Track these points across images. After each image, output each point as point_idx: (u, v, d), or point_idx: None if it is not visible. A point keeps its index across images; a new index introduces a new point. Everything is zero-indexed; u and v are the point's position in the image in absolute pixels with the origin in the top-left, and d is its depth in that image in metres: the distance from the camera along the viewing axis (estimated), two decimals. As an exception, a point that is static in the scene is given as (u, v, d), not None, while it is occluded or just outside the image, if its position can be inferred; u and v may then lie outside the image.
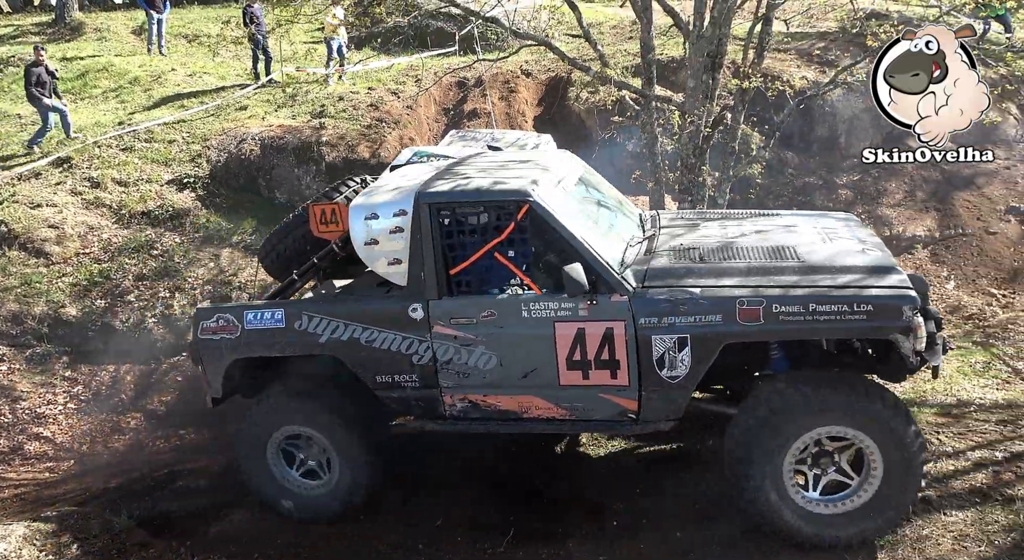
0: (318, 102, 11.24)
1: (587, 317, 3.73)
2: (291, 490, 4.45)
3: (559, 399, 3.94)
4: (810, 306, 3.54)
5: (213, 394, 4.42)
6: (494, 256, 3.89)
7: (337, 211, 4.30)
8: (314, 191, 9.85)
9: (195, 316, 4.34)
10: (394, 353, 3.99)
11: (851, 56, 10.53)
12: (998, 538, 3.64)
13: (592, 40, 8.53)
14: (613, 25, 14.98)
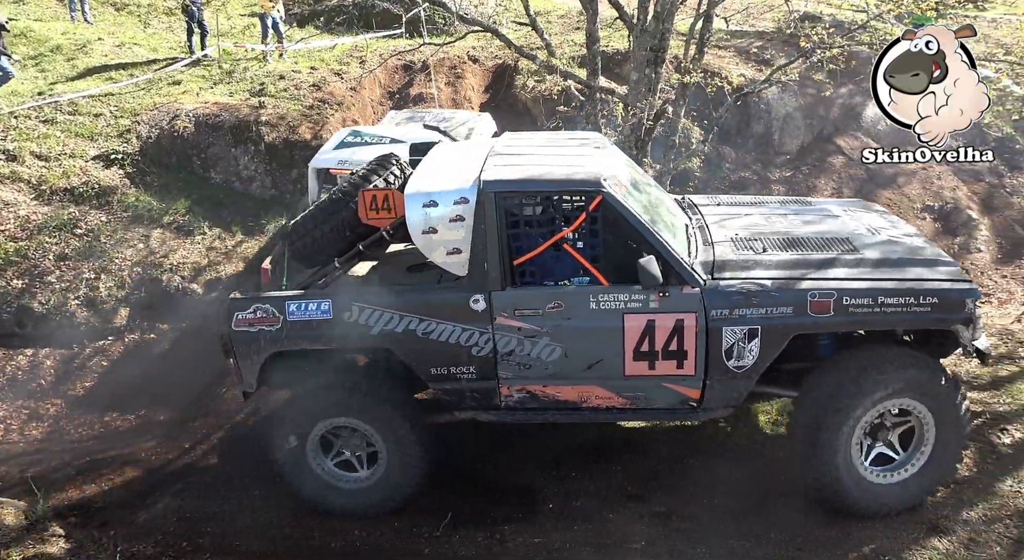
0: (257, 80, 10.87)
1: (658, 309, 3.72)
2: (329, 483, 4.27)
3: (621, 389, 3.92)
4: (879, 299, 3.67)
5: (246, 388, 4.17)
6: (562, 247, 3.83)
7: (391, 197, 4.02)
8: (252, 172, 9.59)
9: (228, 307, 4.02)
10: (452, 345, 3.86)
11: (786, 56, 10.91)
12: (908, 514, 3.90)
13: (539, 29, 8.57)
14: (561, 14, 15.02)
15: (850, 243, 4.08)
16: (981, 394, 4.99)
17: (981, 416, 4.65)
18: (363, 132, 8.44)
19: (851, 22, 11.58)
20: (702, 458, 4.51)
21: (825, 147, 11.12)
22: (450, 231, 3.77)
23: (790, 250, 4.00)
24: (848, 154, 10.99)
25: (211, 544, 4.22)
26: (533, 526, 4.17)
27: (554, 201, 4.00)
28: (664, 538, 3.93)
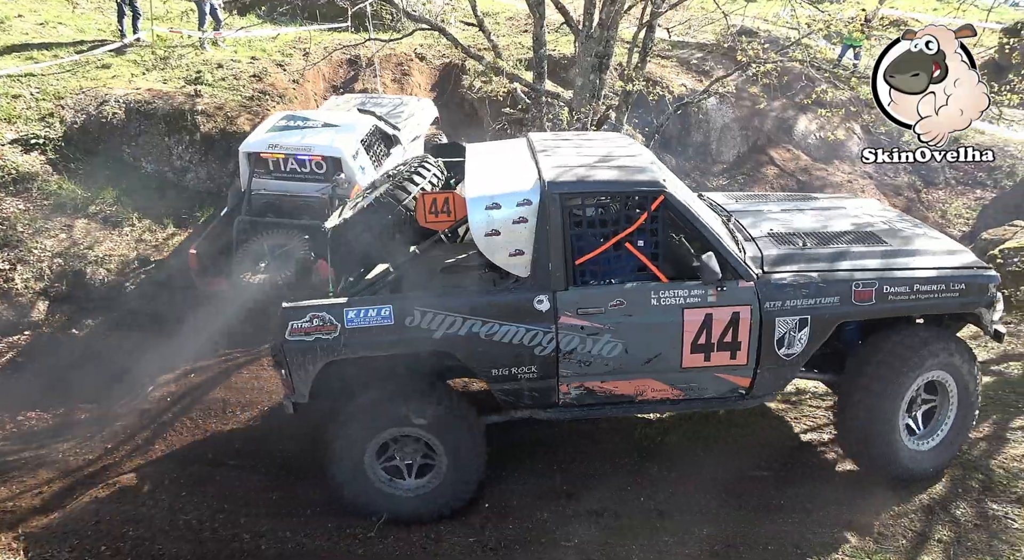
0: (194, 68, 10.49)
1: (715, 303, 3.87)
2: (384, 492, 4.16)
3: (676, 381, 4.03)
4: (914, 286, 3.99)
5: (298, 399, 3.97)
6: (623, 246, 3.89)
7: (451, 201, 4.00)
8: (187, 162, 9.25)
9: (282, 316, 3.84)
10: (516, 345, 3.85)
11: (724, 68, 11.31)
12: (821, 511, 4.10)
13: (486, 30, 8.59)
14: (509, 16, 15.11)
15: (876, 236, 4.40)
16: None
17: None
18: (297, 116, 8.29)
19: (785, 38, 12.11)
20: (636, 458, 4.62)
21: (759, 157, 11.59)
22: (513, 233, 3.79)
23: (828, 245, 4.27)
24: (780, 165, 11.48)
25: (132, 548, 4.05)
26: (468, 526, 4.18)
27: (618, 201, 4.07)
28: (597, 536, 4.01)
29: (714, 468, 4.43)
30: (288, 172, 7.73)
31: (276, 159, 7.67)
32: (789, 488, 4.26)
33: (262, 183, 7.75)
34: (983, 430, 4.68)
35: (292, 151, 7.62)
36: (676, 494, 4.30)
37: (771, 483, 4.36)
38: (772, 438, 4.74)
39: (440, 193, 4.03)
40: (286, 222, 7.42)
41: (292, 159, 7.66)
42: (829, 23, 8.73)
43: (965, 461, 4.36)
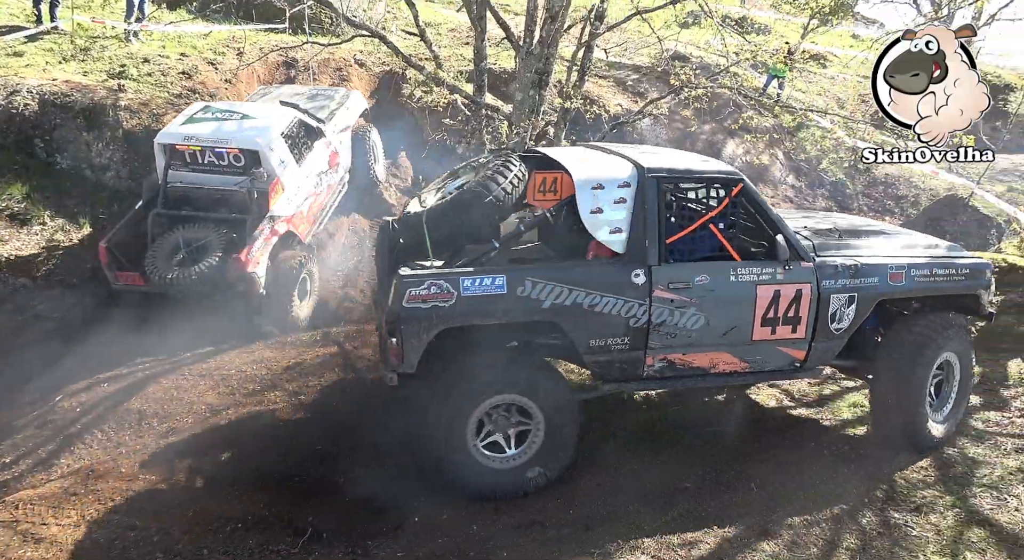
0: (117, 61, 10.01)
1: (783, 280, 4.34)
2: (481, 463, 4.24)
3: (745, 353, 4.43)
4: (933, 269, 4.65)
5: (406, 369, 4.01)
6: (707, 227, 4.31)
7: (559, 181, 4.40)
8: (107, 159, 8.79)
9: (399, 284, 3.93)
10: (614, 316, 4.13)
11: (658, 91, 11.71)
12: (742, 520, 4.27)
13: (428, 40, 8.60)
14: (451, 28, 15.16)
15: (888, 233, 5.11)
16: (807, 410, 5.57)
17: (805, 430, 5.19)
18: (214, 107, 8.06)
19: (715, 65, 12.66)
20: (567, 470, 4.67)
21: (689, 178, 12.01)
22: (614, 212, 4.16)
23: (857, 237, 4.84)
24: (709, 186, 11.93)
25: None
26: (397, 540, 4.11)
27: (704, 187, 4.58)
28: (527, 547, 4.02)
29: (644, 479, 4.53)
30: (205, 164, 7.52)
31: (192, 151, 7.43)
32: (713, 498, 4.41)
33: (178, 175, 7.48)
34: (887, 443, 4.99)
35: (209, 144, 7.41)
36: (605, 505, 4.37)
37: (696, 494, 4.49)
38: (700, 450, 4.90)
39: (550, 173, 4.42)
40: (202, 215, 7.20)
41: (209, 152, 7.45)
42: (755, 53, 9.21)
43: (871, 472, 4.63)
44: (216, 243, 6.90)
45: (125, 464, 4.74)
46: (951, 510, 4.22)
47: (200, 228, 7.07)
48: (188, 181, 7.48)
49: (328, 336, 6.73)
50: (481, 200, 4.21)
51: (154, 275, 6.75)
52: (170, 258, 6.86)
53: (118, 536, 4.03)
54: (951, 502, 4.29)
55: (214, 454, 4.79)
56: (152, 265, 6.78)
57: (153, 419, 5.40)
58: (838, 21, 16.47)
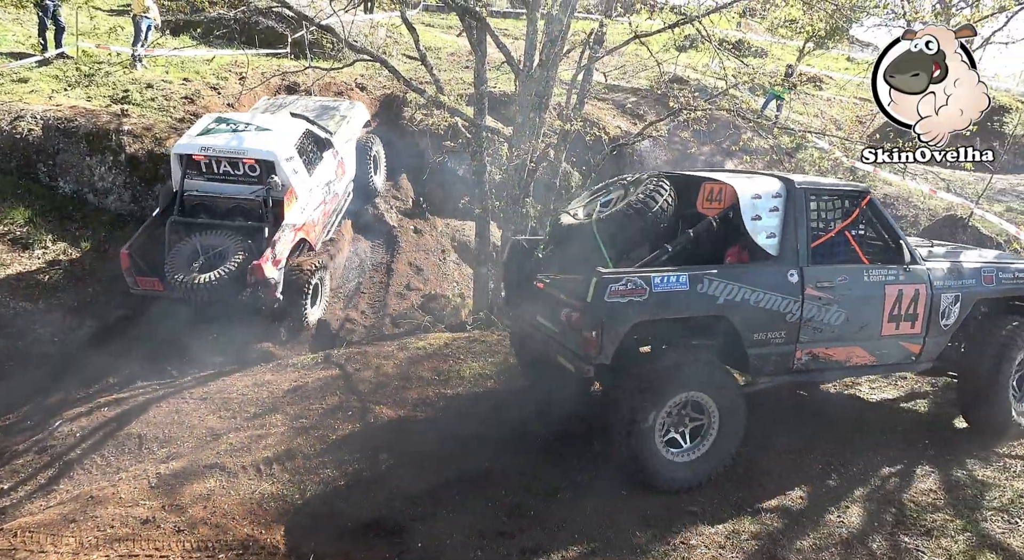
0: (121, 86, 10.12)
1: (904, 281, 4.86)
2: (666, 458, 4.48)
3: (874, 348, 4.88)
4: (1015, 273, 5.30)
5: (603, 360, 4.33)
6: (843, 234, 4.82)
7: (723, 191, 4.84)
8: (109, 183, 8.84)
9: (598, 281, 4.25)
10: (774, 312, 4.55)
11: (657, 113, 11.80)
12: (748, 545, 4.22)
13: (428, 64, 8.68)
14: (451, 52, 15.34)
15: (959, 245, 5.87)
16: (817, 438, 5.51)
17: (811, 454, 5.13)
18: (229, 119, 8.29)
19: (713, 88, 12.78)
20: (571, 494, 4.62)
21: (689, 199, 12.05)
22: (769, 218, 4.63)
23: (942, 248, 5.52)
24: (709, 207, 11.97)
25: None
26: (400, 569, 4.05)
27: (841, 199, 5.04)
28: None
29: (644, 505, 4.48)
30: (221, 174, 7.76)
31: (208, 161, 7.66)
32: (718, 524, 4.35)
33: (194, 184, 7.71)
34: (895, 466, 4.94)
35: (225, 154, 7.64)
36: (609, 531, 4.32)
37: (701, 517, 4.43)
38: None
39: (716, 183, 4.93)
40: (219, 223, 7.46)
41: (225, 161, 7.68)
42: (753, 76, 9.30)
43: (879, 495, 4.57)
44: (234, 250, 7.15)
45: (125, 490, 4.68)
46: (962, 534, 4.16)
47: (217, 235, 7.31)
48: (204, 190, 7.73)
49: (329, 358, 6.71)
50: (644, 215, 4.76)
51: (174, 281, 6.94)
52: (189, 264, 7.10)
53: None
54: (962, 526, 4.24)
55: (218, 479, 4.73)
56: (172, 271, 6.99)
57: (153, 443, 5.36)
58: (833, 44, 16.72)
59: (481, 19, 7.72)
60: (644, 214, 4.77)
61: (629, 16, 8.70)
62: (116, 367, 6.68)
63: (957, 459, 4.94)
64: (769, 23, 11.09)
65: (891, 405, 5.95)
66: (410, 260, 10.05)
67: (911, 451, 5.09)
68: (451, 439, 5.10)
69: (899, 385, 6.24)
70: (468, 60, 13.55)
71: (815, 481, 4.74)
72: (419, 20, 16.68)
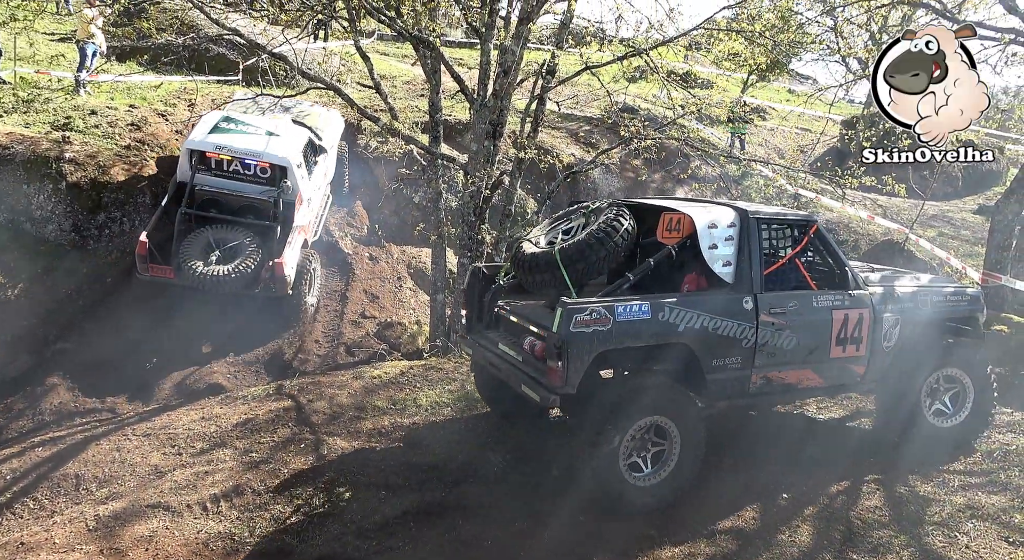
0: (63, 112, 9.82)
1: (849, 306, 5.04)
2: (629, 483, 4.48)
3: (823, 370, 5.06)
4: (949, 296, 5.53)
5: (567, 390, 4.31)
6: (794, 262, 5.01)
7: (682, 221, 4.92)
8: (48, 213, 8.52)
9: (564, 311, 4.26)
10: (731, 338, 4.66)
11: (609, 141, 12.09)
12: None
13: (383, 92, 8.72)
14: (406, 80, 15.44)
15: (895, 269, 6.12)
16: (764, 461, 5.63)
17: (761, 475, 5.23)
18: (237, 119, 8.71)
19: (663, 117, 13.18)
20: (529, 521, 4.58)
21: (642, 225, 12.32)
22: (725, 247, 4.77)
23: (883, 272, 5.76)
24: (660, 232, 12.25)
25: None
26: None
27: (790, 228, 5.20)
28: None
29: (606, 530, 4.47)
30: (230, 172, 8.27)
31: (220, 159, 8.16)
32: (675, 547, 4.38)
33: (203, 179, 8.18)
34: (842, 484, 5.07)
35: (240, 155, 8.20)
36: (571, 557, 4.29)
37: (658, 541, 4.45)
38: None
39: (676, 214, 4.99)
40: (231, 219, 7.97)
41: (237, 161, 8.20)
42: (700, 106, 9.63)
43: (828, 514, 4.67)
44: (247, 246, 7.70)
45: (60, 534, 4.44)
46: (906, 550, 4.28)
47: (230, 230, 7.83)
48: (213, 185, 8.19)
49: (281, 390, 6.54)
50: (607, 244, 4.80)
51: (192, 271, 7.36)
52: (203, 256, 7.52)
53: None
54: (905, 541, 4.36)
55: (159, 519, 4.53)
56: (188, 262, 7.40)
57: (92, 483, 5.12)
58: (775, 77, 17.49)
59: (435, 49, 7.82)
60: (606, 243, 4.82)
61: (580, 48, 8.93)
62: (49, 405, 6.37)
63: (900, 476, 5.10)
64: (714, 57, 11.54)
65: (837, 424, 6.13)
66: (365, 288, 9.94)
67: (857, 469, 5.23)
68: (407, 469, 5.01)
69: (844, 404, 6.43)
70: (423, 88, 13.65)
71: (767, 501, 4.82)
72: (373, 49, 16.76)
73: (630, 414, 4.45)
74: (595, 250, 4.81)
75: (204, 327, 8.28)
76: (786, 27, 8.56)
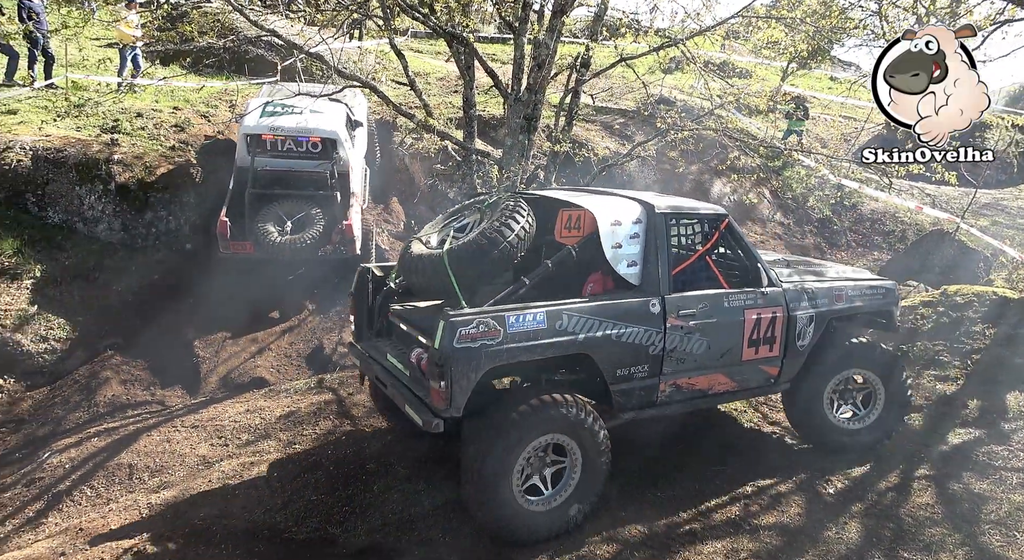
0: (111, 116, 10.15)
1: (763, 305, 4.75)
2: (525, 508, 4.08)
3: (735, 373, 4.76)
4: (863, 291, 5.28)
5: (453, 412, 3.89)
6: (704, 259, 4.69)
7: (583, 218, 4.55)
8: (99, 213, 8.82)
9: (448, 325, 3.79)
10: (636, 345, 4.30)
11: (645, 133, 11.95)
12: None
13: (417, 89, 8.76)
14: (440, 77, 15.51)
15: (815, 263, 5.80)
16: (808, 449, 5.51)
17: (808, 469, 5.13)
18: (280, 103, 9.33)
19: (699, 109, 12.96)
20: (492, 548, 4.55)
21: (679, 218, 12.14)
22: (630, 246, 4.41)
23: (799, 266, 5.48)
24: (698, 225, 12.06)
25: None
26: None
27: (699, 223, 4.95)
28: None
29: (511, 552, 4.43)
30: (284, 151, 8.92)
31: (274, 140, 8.84)
32: (716, 540, 4.32)
33: (262, 161, 8.85)
34: (891, 480, 4.93)
35: (292, 133, 8.85)
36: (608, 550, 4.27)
37: (697, 536, 4.40)
38: (700, 491, 4.81)
39: (575, 210, 4.53)
40: (295, 193, 8.64)
41: (290, 140, 8.83)
42: (738, 96, 9.44)
43: (877, 510, 4.55)
44: (315, 215, 8.43)
45: (115, 521, 4.61)
46: (961, 549, 4.15)
47: (293, 203, 8.52)
48: (272, 166, 8.86)
49: (322, 383, 6.66)
50: (499, 245, 4.28)
51: (271, 243, 8.09)
52: (277, 229, 8.23)
53: None
54: (960, 540, 4.23)
55: (208, 508, 4.67)
56: (265, 235, 8.15)
57: (144, 473, 5.29)
58: (816, 65, 17.02)
59: (469, 45, 7.83)
60: (498, 244, 4.28)
61: (615, 40, 8.83)
62: (105, 398, 6.60)
63: (954, 473, 4.94)
64: (752, 45, 11.28)
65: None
66: (402, 283, 10.05)
67: (909, 466, 5.08)
68: (447, 462, 5.05)
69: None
70: (457, 84, 13.69)
71: (811, 496, 4.72)
72: (407, 46, 16.88)
73: (523, 436, 3.96)
74: (486, 252, 4.27)
75: (250, 321, 8.49)
76: (828, 13, 8.31)
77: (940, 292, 7.67)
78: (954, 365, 6.39)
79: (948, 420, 5.64)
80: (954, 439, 5.43)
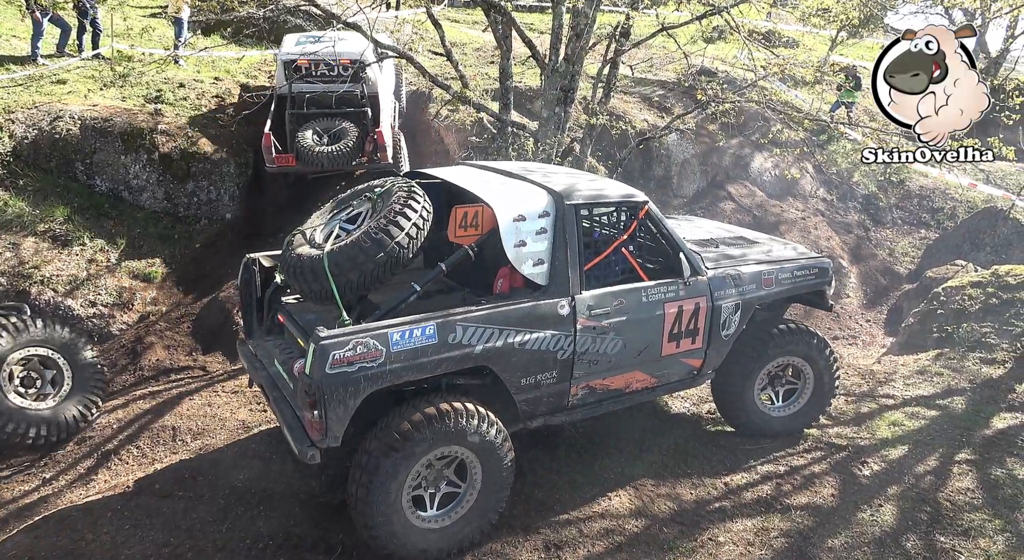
0: (154, 86, 10.32)
1: (684, 296, 4.48)
2: (416, 525, 3.84)
3: (655, 369, 4.53)
4: (794, 272, 5.08)
5: (331, 442, 3.53)
6: (620, 251, 4.32)
7: (480, 214, 3.99)
8: (144, 182, 9.04)
9: (320, 348, 3.39)
10: (543, 352, 3.99)
11: (684, 106, 11.66)
12: (777, 543, 4.16)
13: (454, 60, 8.68)
14: (476, 47, 15.33)
15: (750, 240, 5.51)
16: (845, 429, 5.43)
17: (844, 450, 5.05)
18: (308, 36, 10.15)
19: (742, 80, 12.57)
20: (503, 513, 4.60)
21: (717, 193, 11.92)
22: (536, 243, 4.01)
23: (732, 245, 5.22)
24: (737, 200, 11.82)
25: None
26: None
27: (616, 212, 4.63)
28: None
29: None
30: (318, 75, 9.60)
31: (309, 65, 9.52)
32: (741, 521, 4.30)
33: (298, 86, 9.50)
34: (930, 463, 4.83)
35: (325, 57, 9.43)
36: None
37: (728, 513, 4.39)
38: (730, 469, 4.79)
39: (471, 207, 3.99)
40: (330, 112, 9.42)
41: (323, 63, 9.49)
42: (783, 67, 9.12)
43: (914, 494, 4.47)
44: (349, 129, 9.22)
45: (160, 481, 4.81)
46: (1001, 534, 4.06)
47: (330, 120, 9.34)
48: (308, 89, 9.55)
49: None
50: (384, 247, 3.74)
51: (310, 154, 8.81)
52: (316, 142, 9.02)
53: (152, 553, 4.08)
54: (1000, 526, 4.13)
55: (246, 471, 4.82)
56: (306, 148, 8.87)
57: (187, 435, 5.48)
58: (868, 33, 16.31)
59: (506, 14, 7.70)
60: (385, 245, 3.72)
61: (656, 8, 8.59)
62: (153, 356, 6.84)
63: (996, 458, 4.81)
64: (801, 13, 10.84)
65: (928, 402, 5.82)
66: (436, 255, 10.11)
67: (949, 449, 4.97)
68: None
69: (935, 382, 6.09)
70: (493, 55, 13.53)
71: (846, 477, 4.65)
72: (445, 16, 16.70)
73: (414, 451, 3.66)
74: (370, 255, 3.70)
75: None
76: (883, -23, 7.92)
77: (991, 272, 7.40)
78: (1002, 347, 6.18)
79: (993, 404, 5.48)
80: (998, 423, 5.28)
